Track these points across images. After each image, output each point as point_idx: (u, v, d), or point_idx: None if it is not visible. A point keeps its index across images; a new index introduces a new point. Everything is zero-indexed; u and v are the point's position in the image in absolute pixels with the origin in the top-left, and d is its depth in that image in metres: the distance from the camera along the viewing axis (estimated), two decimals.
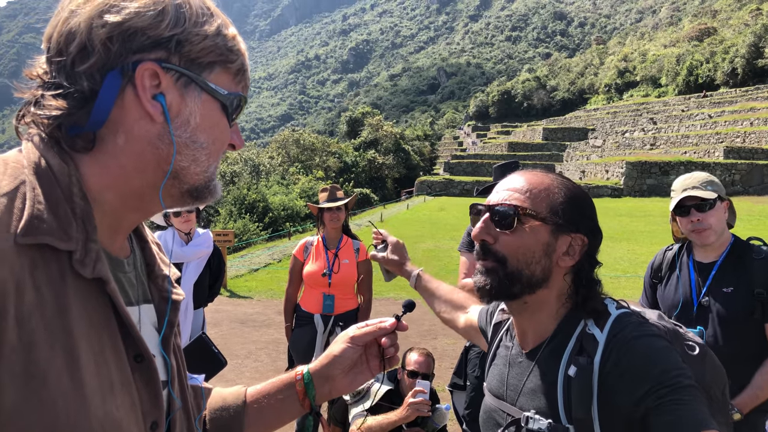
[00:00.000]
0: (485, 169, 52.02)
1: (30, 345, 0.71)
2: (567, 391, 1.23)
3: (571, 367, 1.23)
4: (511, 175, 1.39)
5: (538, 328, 1.33)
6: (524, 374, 1.33)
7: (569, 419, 1.21)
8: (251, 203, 25.68)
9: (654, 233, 19.05)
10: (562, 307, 1.31)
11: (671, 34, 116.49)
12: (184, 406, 1.00)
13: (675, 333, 1.32)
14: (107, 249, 0.86)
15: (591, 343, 1.24)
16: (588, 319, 1.28)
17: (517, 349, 1.39)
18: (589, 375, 1.20)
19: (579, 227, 1.29)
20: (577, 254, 1.29)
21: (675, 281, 2.72)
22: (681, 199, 2.61)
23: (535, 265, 1.27)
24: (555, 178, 1.34)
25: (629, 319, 1.26)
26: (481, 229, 1.31)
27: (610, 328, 1.24)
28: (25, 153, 0.80)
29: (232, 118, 0.92)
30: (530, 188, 1.30)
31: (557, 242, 1.28)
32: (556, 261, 1.28)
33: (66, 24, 0.80)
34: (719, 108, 52.28)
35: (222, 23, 0.88)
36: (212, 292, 4.76)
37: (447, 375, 5.61)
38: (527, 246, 1.27)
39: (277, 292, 10.76)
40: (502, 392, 1.38)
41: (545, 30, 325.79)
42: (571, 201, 1.30)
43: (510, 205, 1.29)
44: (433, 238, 18.81)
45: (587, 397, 1.20)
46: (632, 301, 1.41)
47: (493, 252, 1.29)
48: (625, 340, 1.21)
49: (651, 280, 2.88)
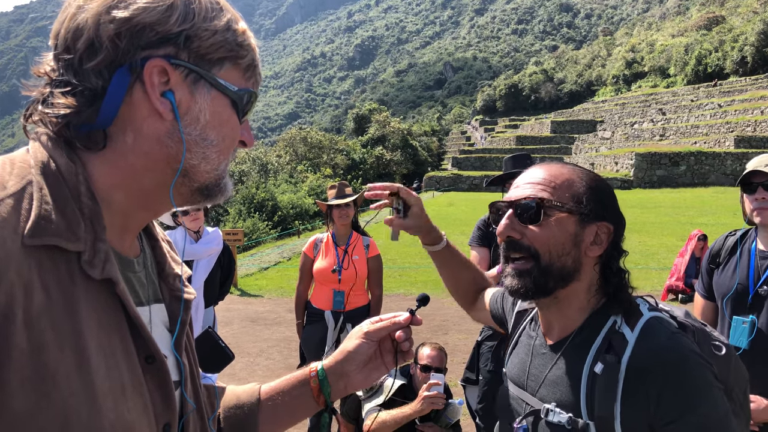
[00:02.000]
0: (493, 163, 51.88)
1: (40, 347, 0.70)
2: (591, 387, 1.22)
3: (598, 364, 1.22)
4: (528, 169, 1.37)
5: (566, 321, 1.32)
6: (547, 365, 1.32)
7: (590, 415, 1.20)
8: (260, 202, 25.73)
9: (665, 224, 18.94)
10: (590, 301, 1.30)
11: (679, 24, 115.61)
12: (197, 407, 0.99)
13: (703, 333, 1.31)
14: (117, 248, 0.85)
15: (620, 342, 1.22)
16: (617, 316, 1.27)
17: (541, 340, 1.38)
18: (615, 374, 1.19)
19: (604, 215, 1.28)
20: (604, 242, 1.28)
21: (733, 267, 2.57)
22: (750, 176, 2.44)
23: (566, 257, 1.26)
24: (574, 169, 1.33)
25: (662, 324, 1.24)
26: (506, 226, 1.29)
27: (641, 330, 1.23)
28: (32, 152, 0.79)
29: (243, 115, 0.91)
30: (552, 180, 1.29)
31: (584, 232, 1.27)
32: (585, 251, 1.27)
33: (73, 20, 0.79)
34: (729, 97, 51.80)
35: (232, 18, 0.86)
36: (223, 291, 4.77)
37: (459, 370, 5.61)
38: (556, 237, 1.25)
39: (287, 290, 10.79)
40: (523, 381, 1.37)
41: (551, 22, 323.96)
42: (593, 190, 1.29)
43: (534, 197, 1.27)
44: None
45: (611, 396, 1.18)
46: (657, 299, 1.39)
47: (525, 247, 1.27)
48: (659, 350, 1.19)
49: (708, 265, 2.71)
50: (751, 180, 2.43)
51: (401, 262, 13.72)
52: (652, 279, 10.97)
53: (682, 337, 1.23)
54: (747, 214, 2.53)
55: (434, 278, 11.81)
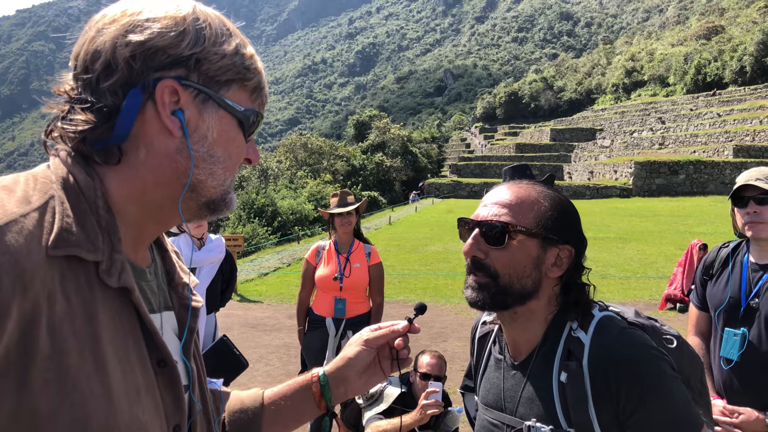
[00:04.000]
0: (493, 170, 51.96)
1: (62, 352, 0.74)
2: (563, 396, 1.26)
3: (563, 373, 1.26)
4: (496, 187, 1.40)
5: (530, 336, 1.35)
6: (520, 384, 1.35)
7: (569, 424, 1.24)
8: (260, 207, 25.74)
9: (663, 233, 18.97)
10: (550, 314, 1.34)
11: (678, 33, 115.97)
12: (204, 410, 1.04)
13: (653, 328, 1.36)
14: (131, 259, 0.89)
15: (577, 346, 1.27)
16: (572, 321, 1.31)
17: (509, 360, 1.40)
18: (581, 378, 1.24)
19: (566, 238, 1.32)
20: (564, 265, 1.32)
21: (725, 279, 2.57)
22: (741, 190, 2.44)
23: (526, 279, 1.29)
24: (541, 191, 1.35)
25: (612, 322, 1.30)
26: (472, 246, 1.32)
27: (594, 330, 1.28)
28: (52, 168, 0.84)
29: (249, 134, 0.95)
30: (518, 202, 1.32)
31: (546, 254, 1.30)
32: (545, 272, 1.31)
33: (92, 43, 0.84)
34: (728, 106, 51.96)
35: (240, 43, 0.91)
36: (224, 297, 4.79)
37: (458, 377, 5.62)
38: (518, 260, 1.29)
39: (286, 296, 10.81)
40: (500, 404, 1.39)
41: (552, 30, 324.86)
42: (557, 213, 1.32)
43: (499, 221, 1.30)
44: (442, 241, 18.81)
45: (582, 401, 1.23)
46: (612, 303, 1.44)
47: (486, 267, 1.30)
48: (612, 346, 1.24)
49: (702, 276, 2.72)
50: (743, 194, 2.44)
51: (401, 269, 13.74)
52: (650, 288, 10.99)
53: (633, 331, 1.29)
54: (738, 228, 2.55)
55: (434, 285, 11.83)
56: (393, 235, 20.86)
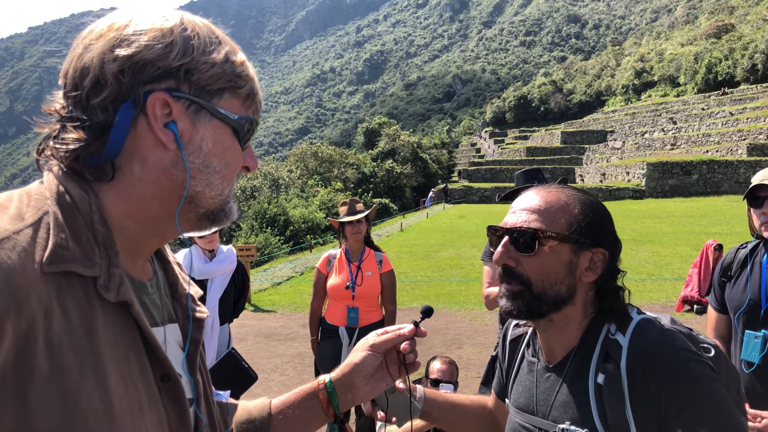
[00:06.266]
0: (504, 175, 51.81)
1: (61, 369, 0.73)
2: (599, 398, 1.23)
3: (600, 375, 1.24)
4: (525, 193, 1.38)
5: (566, 340, 1.33)
6: (554, 387, 1.33)
7: (605, 426, 1.22)
8: (272, 217, 25.82)
9: (678, 234, 18.80)
10: (586, 318, 1.32)
11: (688, 33, 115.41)
12: (210, 424, 1.02)
13: (690, 336, 1.32)
14: (130, 273, 0.88)
15: (615, 349, 1.25)
16: (610, 324, 1.29)
17: (543, 363, 1.38)
18: (617, 381, 1.21)
19: (599, 241, 1.29)
20: (599, 268, 1.29)
21: (744, 280, 2.52)
22: (756, 190, 2.38)
23: (560, 285, 1.27)
24: (571, 194, 1.33)
25: (652, 324, 1.27)
26: (502, 254, 1.30)
27: (632, 332, 1.25)
28: (46, 184, 0.83)
29: (244, 142, 0.94)
30: (547, 207, 1.30)
31: (579, 259, 1.28)
32: (579, 277, 1.28)
33: (80, 60, 0.83)
34: (740, 105, 51.51)
35: (230, 50, 0.90)
36: (237, 308, 4.77)
37: (473, 384, 5.58)
38: (550, 267, 1.26)
39: (300, 306, 10.80)
40: (532, 407, 1.37)
41: (560, 33, 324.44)
42: (588, 216, 1.29)
43: (529, 227, 1.28)
44: (454, 246, 18.75)
45: (619, 403, 1.20)
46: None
47: (518, 275, 1.28)
48: (652, 347, 1.22)
49: (720, 278, 2.66)
50: (758, 194, 2.39)
51: (414, 276, 13.70)
52: (666, 290, 10.87)
53: (673, 333, 1.25)
54: (755, 228, 2.49)
55: (447, 291, 11.77)
56: (405, 242, 20.83)
